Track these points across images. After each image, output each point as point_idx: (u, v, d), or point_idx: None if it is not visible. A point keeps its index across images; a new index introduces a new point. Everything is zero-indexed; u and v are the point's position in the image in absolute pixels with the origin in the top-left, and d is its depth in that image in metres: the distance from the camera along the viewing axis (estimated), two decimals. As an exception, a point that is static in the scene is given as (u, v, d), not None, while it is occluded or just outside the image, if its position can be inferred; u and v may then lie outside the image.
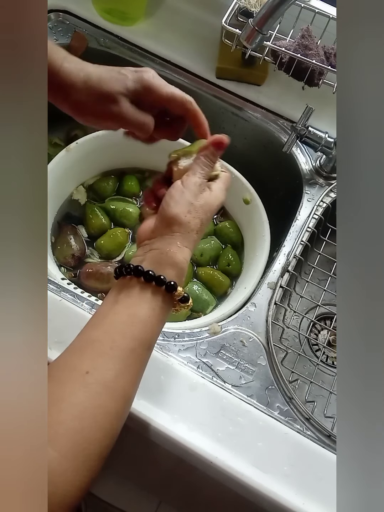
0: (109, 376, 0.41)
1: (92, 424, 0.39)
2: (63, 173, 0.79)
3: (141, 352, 0.44)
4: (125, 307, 0.45)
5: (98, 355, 0.42)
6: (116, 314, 0.45)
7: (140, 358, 0.44)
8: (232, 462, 0.54)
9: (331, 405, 0.64)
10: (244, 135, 0.88)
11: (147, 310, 0.45)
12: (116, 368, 0.42)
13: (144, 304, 0.45)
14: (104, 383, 0.41)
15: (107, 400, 0.41)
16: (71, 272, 0.78)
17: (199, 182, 0.50)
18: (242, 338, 0.64)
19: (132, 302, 0.45)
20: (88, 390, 0.40)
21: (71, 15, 0.88)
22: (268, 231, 0.77)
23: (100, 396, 0.40)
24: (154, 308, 0.45)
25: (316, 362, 0.70)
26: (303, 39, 0.74)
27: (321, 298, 0.73)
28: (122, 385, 0.42)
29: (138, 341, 0.44)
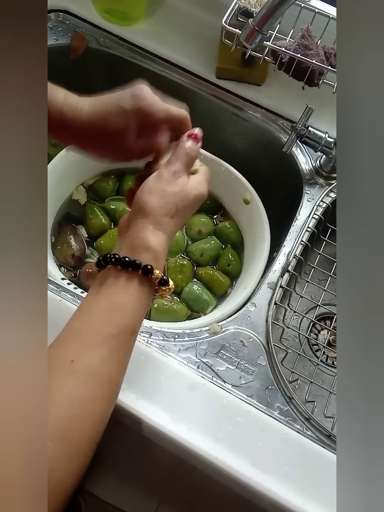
0: (94, 363, 0.42)
1: (82, 411, 0.40)
2: (63, 173, 0.79)
3: (125, 338, 0.45)
4: (105, 295, 0.46)
5: (82, 344, 0.43)
6: (97, 303, 0.46)
7: (124, 344, 0.45)
8: (232, 462, 0.54)
9: (331, 405, 0.64)
10: (244, 135, 0.88)
11: (126, 295, 0.46)
12: (100, 355, 0.43)
13: (122, 290, 0.46)
14: (90, 370, 0.42)
15: (94, 387, 0.41)
16: (71, 272, 0.78)
17: (173, 169, 0.51)
18: (242, 338, 0.64)
19: (112, 290, 0.46)
20: (74, 378, 0.41)
21: (71, 15, 0.88)
22: (268, 231, 0.77)
23: (87, 383, 0.41)
24: (133, 293, 0.46)
25: (316, 362, 0.71)
26: (303, 39, 0.74)
27: (321, 298, 0.73)
28: (108, 371, 0.43)
29: (120, 327, 0.45)
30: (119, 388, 0.45)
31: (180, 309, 0.76)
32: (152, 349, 0.61)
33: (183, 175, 0.51)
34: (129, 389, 0.57)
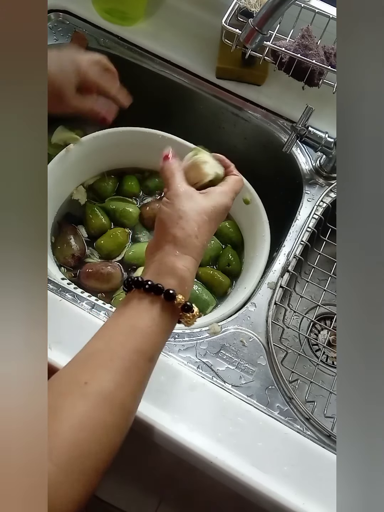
0: (108, 387, 0.41)
1: (90, 437, 0.38)
2: (63, 173, 0.79)
3: (142, 364, 0.44)
4: (127, 318, 0.45)
5: (98, 366, 0.42)
6: (117, 326, 0.45)
7: (141, 370, 0.44)
8: (231, 462, 0.54)
9: (331, 405, 0.64)
10: (244, 135, 0.88)
11: (147, 320, 0.45)
12: (115, 380, 0.41)
13: (144, 314, 0.45)
14: (103, 395, 0.40)
15: (105, 412, 0.40)
16: (71, 272, 0.78)
17: (182, 188, 0.50)
18: (242, 338, 0.64)
19: (133, 313, 0.45)
20: (87, 401, 0.39)
21: (71, 15, 0.88)
22: (268, 231, 0.77)
23: (99, 408, 0.40)
24: (155, 318, 0.45)
25: (316, 362, 0.70)
26: (303, 39, 0.74)
27: (321, 298, 0.73)
28: (122, 397, 0.41)
29: (139, 352, 0.43)
30: (132, 417, 0.43)
31: (181, 309, 0.76)
32: (152, 349, 0.61)
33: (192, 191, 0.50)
34: (129, 389, 0.57)
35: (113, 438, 0.41)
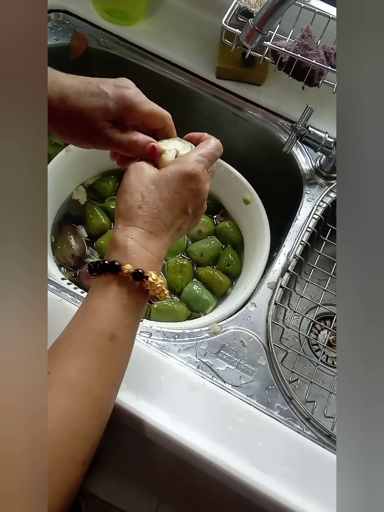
0: (70, 373, 0.40)
1: (59, 426, 0.37)
2: (63, 173, 0.79)
3: (102, 344, 0.41)
4: (85, 302, 0.44)
5: (59, 354, 0.41)
6: (77, 312, 0.44)
7: (101, 351, 0.41)
8: (232, 462, 0.54)
9: (331, 405, 0.64)
10: (244, 135, 0.88)
11: (97, 298, 0.43)
12: (76, 365, 0.40)
13: (94, 293, 0.44)
14: (66, 382, 0.39)
15: (71, 399, 0.39)
16: (71, 272, 0.78)
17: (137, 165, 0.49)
18: (242, 338, 0.64)
19: (92, 295, 0.44)
20: (51, 391, 0.38)
21: (71, 15, 0.88)
22: (268, 231, 0.77)
23: (64, 396, 0.39)
24: (105, 294, 0.43)
25: (316, 362, 0.70)
26: (303, 39, 0.74)
27: (321, 298, 0.73)
28: (87, 383, 0.40)
29: (95, 332, 0.42)
30: (105, 402, 0.42)
31: (180, 309, 0.76)
32: (152, 349, 0.61)
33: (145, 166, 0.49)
34: (129, 389, 0.57)
35: (85, 425, 0.39)
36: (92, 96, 0.48)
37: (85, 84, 0.49)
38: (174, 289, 0.80)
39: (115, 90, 0.49)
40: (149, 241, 0.46)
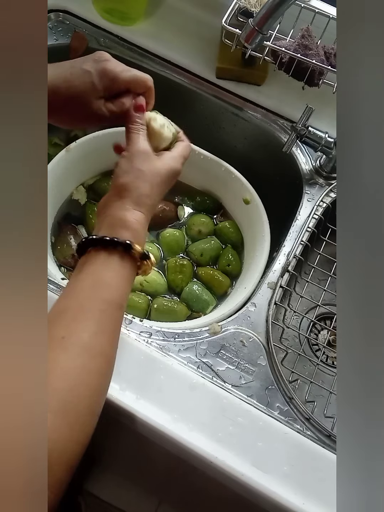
0: (84, 337, 0.43)
1: (78, 382, 0.41)
2: (63, 173, 0.79)
3: (112, 312, 0.46)
4: (88, 273, 0.47)
5: (71, 320, 0.44)
6: (80, 282, 0.47)
7: (112, 318, 0.46)
8: (232, 462, 0.54)
9: (331, 405, 0.64)
10: (244, 135, 0.88)
11: (109, 271, 0.47)
12: (90, 330, 0.44)
13: (105, 267, 0.48)
14: (81, 345, 0.42)
15: (87, 360, 0.42)
16: (71, 272, 0.78)
17: (142, 147, 0.53)
18: (242, 338, 0.64)
19: (93, 268, 0.47)
20: (68, 353, 0.41)
21: (71, 15, 0.88)
22: (268, 231, 0.77)
23: (80, 357, 0.42)
24: (114, 268, 0.48)
25: (316, 362, 0.70)
26: (303, 39, 0.74)
27: (321, 298, 0.73)
28: (99, 344, 0.44)
29: (106, 301, 0.46)
30: (113, 361, 0.46)
31: (180, 309, 0.76)
32: (152, 349, 0.61)
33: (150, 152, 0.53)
34: (129, 389, 0.57)
35: (100, 381, 0.43)
36: (79, 79, 0.52)
37: (70, 69, 0.53)
38: (174, 289, 0.80)
39: (96, 66, 0.53)
40: (147, 225, 0.53)
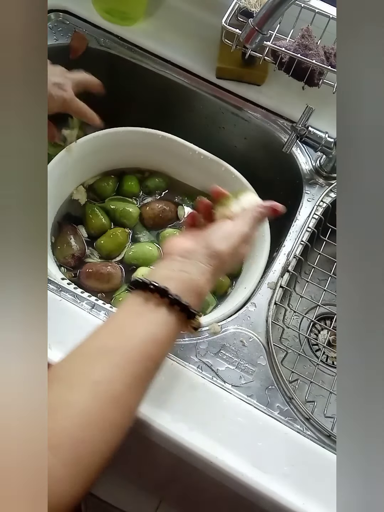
0: (119, 388, 0.41)
1: (97, 436, 0.39)
2: (63, 173, 0.79)
3: (151, 370, 0.45)
4: (146, 322, 0.45)
5: (111, 366, 0.42)
6: (135, 328, 0.45)
7: (150, 376, 0.45)
8: (232, 462, 0.54)
9: (331, 405, 0.64)
10: (244, 135, 0.88)
11: (165, 331, 0.46)
12: (127, 383, 0.42)
13: (164, 325, 0.46)
14: (114, 395, 0.41)
15: (114, 413, 0.40)
16: (71, 272, 0.78)
17: (247, 233, 0.53)
18: (242, 338, 0.64)
19: (154, 320, 0.46)
20: (97, 400, 0.40)
21: (71, 15, 0.88)
22: (268, 231, 0.77)
23: (108, 409, 0.40)
24: (172, 330, 0.46)
25: (316, 362, 0.70)
26: (303, 39, 0.74)
27: (321, 298, 0.73)
28: (130, 400, 0.42)
29: (151, 359, 0.44)
30: (133, 418, 0.44)
31: (181, 309, 0.76)
32: (152, 349, 0.61)
33: None
34: (129, 389, 0.57)
35: (117, 438, 0.41)
36: None
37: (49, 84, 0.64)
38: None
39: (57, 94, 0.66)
40: None
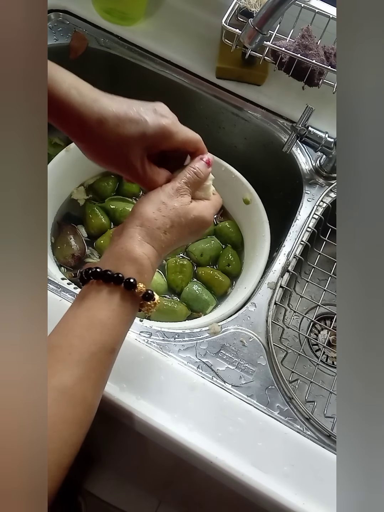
0: (67, 382, 0.40)
1: (51, 433, 0.38)
2: (63, 173, 0.79)
3: (103, 356, 0.43)
4: (85, 310, 0.44)
5: (56, 361, 0.41)
6: (75, 318, 0.43)
7: (102, 363, 0.43)
8: (232, 462, 0.54)
9: (331, 405, 0.64)
10: (244, 135, 0.88)
11: (106, 310, 0.43)
12: (75, 374, 0.40)
13: (102, 305, 0.44)
14: (62, 390, 0.39)
15: (65, 407, 0.39)
16: (71, 272, 0.78)
17: (177, 186, 0.49)
18: (242, 338, 0.64)
19: (92, 304, 0.44)
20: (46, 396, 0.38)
21: (71, 15, 0.88)
22: (268, 231, 0.77)
23: (58, 403, 0.39)
24: (114, 308, 0.44)
25: (316, 362, 0.70)
26: (303, 39, 0.74)
27: (321, 298, 0.73)
28: (83, 392, 0.41)
29: (98, 344, 0.42)
30: (94, 411, 0.42)
31: (180, 309, 0.76)
32: (152, 349, 0.61)
33: (186, 194, 0.50)
34: (129, 389, 0.57)
35: (75, 432, 0.40)
36: (132, 123, 0.47)
37: (124, 109, 0.47)
38: (174, 289, 0.80)
39: (154, 119, 0.48)
40: (157, 262, 0.48)
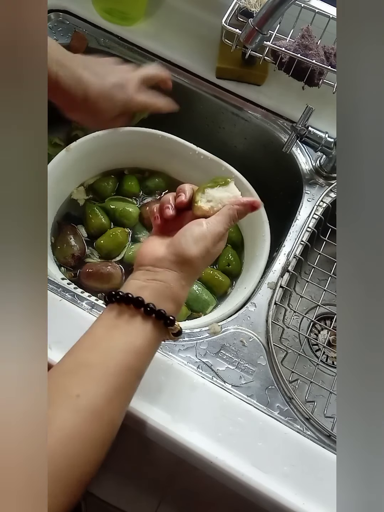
0: (99, 402, 0.41)
1: (78, 450, 0.39)
2: (63, 173, 0.79)
3: (133, 381, 0.45)
4: (123, 334, 0.45)
5: (90, 380, 0.42)
6: (112, 340, 0.45)
7: (131, 386, 0.45)
8: (232, 462, 0.54)
9: (331, 405, 0.64)
10: (244, 135, 0.88)
11: (143, 340, 0.46)
12: (107, 395, 0.42)
13: (142, 335, 0.46)
14: (94, 409, 0.41)
15: (95, 427, 0.41)
16: (71, 272, 0.78)
17: (222, 233, 0.51)
18: (242, 338, 0.64)
19: (131, 331, 0.46)
20: (78, 416, 0.40)
21: (71, 15, 0.88)
22: (268, 231, 0.77)
23: (89, 423, 0.40)
24: (151, 339, 0.46)
25: (316, 362, 0.70)
26: (303, 39, 0.74)
27: (321, 298, 0.72)
28: (112, 413, 0.42)
29: (131, 370, 0.44)
30: (117, 430, 0.44)
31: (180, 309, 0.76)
32: (152, 349, 0.61)
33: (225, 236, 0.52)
34: (129, 389, 0.57)
35: (99, 451, 0.41)
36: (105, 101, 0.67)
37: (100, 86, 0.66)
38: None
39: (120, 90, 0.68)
40: None
